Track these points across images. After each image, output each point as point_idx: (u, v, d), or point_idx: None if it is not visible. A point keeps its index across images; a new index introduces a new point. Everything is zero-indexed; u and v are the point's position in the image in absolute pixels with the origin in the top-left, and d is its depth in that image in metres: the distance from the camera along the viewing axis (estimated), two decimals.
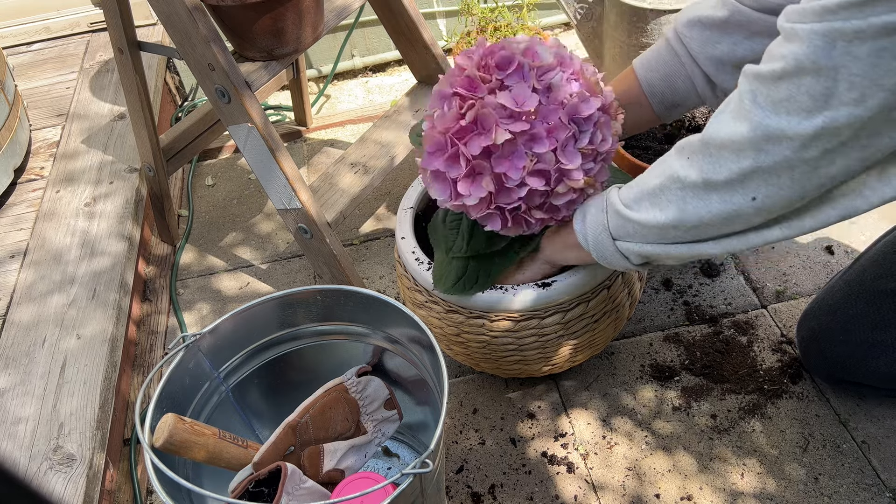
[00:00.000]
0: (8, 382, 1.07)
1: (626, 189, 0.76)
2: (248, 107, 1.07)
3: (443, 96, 0.79)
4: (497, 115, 0.74)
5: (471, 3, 1.65)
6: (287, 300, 0.88)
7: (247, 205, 1.58)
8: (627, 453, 1.02)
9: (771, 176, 0.62)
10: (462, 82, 0.77)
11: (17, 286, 1.24)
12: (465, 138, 0.76)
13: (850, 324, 0.95)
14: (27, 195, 1.44)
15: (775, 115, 0.60)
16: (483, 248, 0.88)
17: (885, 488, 0.94)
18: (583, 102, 0.76)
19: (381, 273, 1.37)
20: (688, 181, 0.68)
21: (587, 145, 0.76)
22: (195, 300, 1.38)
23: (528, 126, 0.74)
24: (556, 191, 0.78)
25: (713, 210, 0.67)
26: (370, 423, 0.90)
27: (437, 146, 0.78)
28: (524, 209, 0.79)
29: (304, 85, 1.64)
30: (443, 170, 0.78)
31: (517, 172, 0.75)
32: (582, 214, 0.80)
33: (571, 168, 0.76)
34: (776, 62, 0.59)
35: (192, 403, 0.86)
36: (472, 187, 0.77)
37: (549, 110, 0.75)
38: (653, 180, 0.72)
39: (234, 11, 1.05)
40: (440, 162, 0.78)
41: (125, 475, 1.07)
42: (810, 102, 0.57)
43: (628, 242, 0.76)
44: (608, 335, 1.00)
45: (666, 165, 0.71)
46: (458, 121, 0.76)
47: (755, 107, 0.61)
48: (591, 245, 0.79)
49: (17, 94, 1.49)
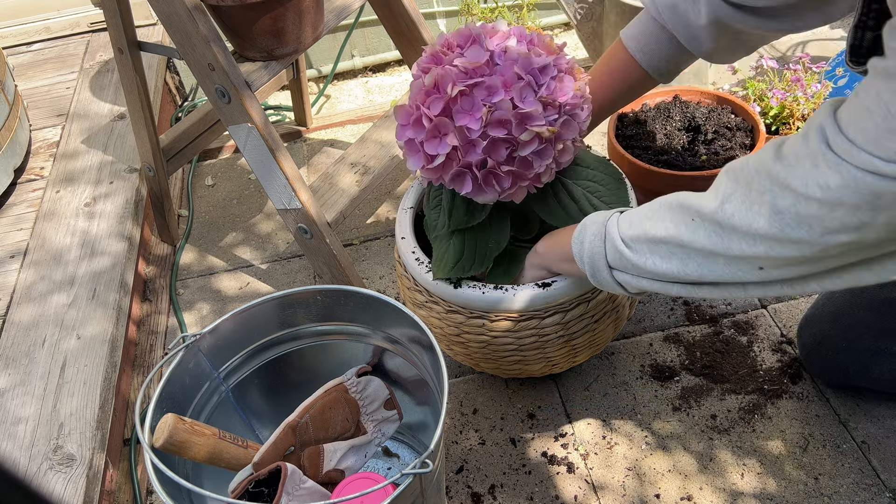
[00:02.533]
0: (8, 382, 1.07)
1: (626, 223, 0.74)
2: (248, 107, 1.07)
3: (415, 77, 0.84)
4: (455, 77, 0.79)
5: (471, 3, 1.65)
6: (287, 300, 0.88)
7: (247, 205, 1.58)
8: (627, 453, 1.02)
9: (784, 261, 0.60)
10: (428, 59, 0.83)
11: (17, 286, 1.24)
12: (427, 101, 0.81)
13: (852, 331, 0.95)
14: (27, 195, 1.44)
15: (798, 228, 0.57)
16: (465, 222, 0.90)
17: (885, 488, 0.94)
18: (534, 55, 0.80)
19: (381, 273, 1.37)
20: (693, 246, 0.65)
21: (545, 94, 0.80)
22: (195, 300, 1.38)
23: (482, 78, 0.79)
24: (521, 139, 0.79)
25: (717, 272, 0.65)
26: (370, 423, 0.90)
27: (406, 116, 0.83)
28: (491, 164, 0.81)
29: (304, 85, 1.64)
30: (411, 136, 0.83)
31: (476, 123, 0.79)
32: (580, 238, 0.79)
33: (530, 110, 0.78)
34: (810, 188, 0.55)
35: (192, 403, 0.86)
36: (439, 146, 0.81)
37: (504, 67, 0.80)
38: (656, 229, 0.69)
39: (234, 11, 1.05)
40: (409, 130, 0.83)
41: (125, 475, 1.07)
42: (839, 225, 0.55)
43: (626, 275, 0.75)
44: (608, 335, 1.00)
45: (670, 220, 0.68)
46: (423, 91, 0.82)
47: (777, 216, 0.58)
48: (588, 269, 0.78)
49: (17, 94, 1.49)
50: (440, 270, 0.91)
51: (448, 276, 0.90)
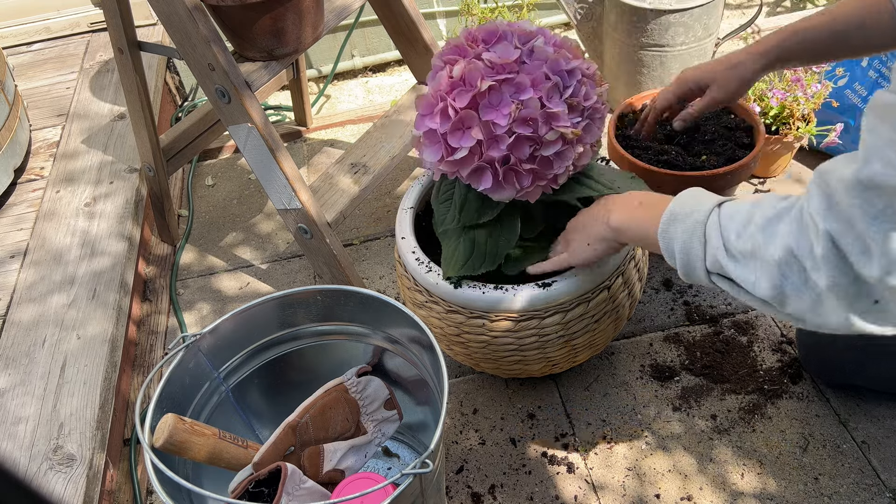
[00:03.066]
0: (8, 382, 1.07)
1: (733, 234, 0.65)
2: (248, 107, 1.07)
3: (436, 69, 0.84)
4: (483, 72, 0.79)
5: (471, 3, 1.65)
6: (287, 300, 0.88)
7: (247, 205, 1.58)
8: (627, 453, 1.02)
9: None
10: (451, 51, 0.83)
11: (18, 286, 1.24)
12: (453, 93, 0.80)
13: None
14: (27, 195, 1.44)
15: None
16: (475, 218, 0.89)
17: (885, 488, 0.94)
18: (563, 59, 0.81)
19: (381, 273, 1.37)
20: (817, 288, 0.58)
21: (571, 97, 0.80)
22: (195, 300, 1.38)
23: (511, 75, 0.79)
24: (546, 138, 0.79)
25: (832, 303, 0.58)
26: (370, 423, 0.90)
27: (429, 107, 0.82)
28: (513, 161, 0.81)
29: (304, 85, 1.64)
30: (434, 127, 0.81)
31: (504, 119, 0.78)
32: (669, 232, 0.71)
33: (557, 111, 0.79)
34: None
35: (192, 403, 0.86)
36: (462, 139, 0.81)
37: (532, 66, 0.80)
38: (770, 247, 0.61)
39: (234, 11, 1.05)
40: (431, 120, 0.82)
41: (125, 475, 1.07)
42: None
43: (727, 282, 0.67)
44: (608, 335, 1.00)
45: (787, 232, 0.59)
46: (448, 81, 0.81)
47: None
48: (680, 269, 0.71)
49: (17, 94, 1.49)
50: (451, 268, 0.90)
51: (458, 275, 0.89)
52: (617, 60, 1.51)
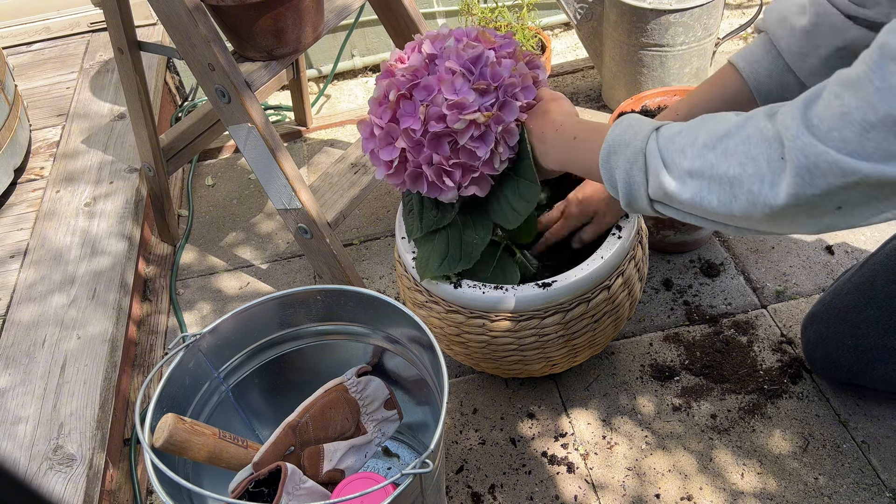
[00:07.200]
0: (8, 382, 1.07)
1: (674, 152, 0.63)
2: (248, 107, 1.07)
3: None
4: (399, 84, 0.83)
5: (471, 3, 1.65)
6: (287, 300, 0.88)
7: (247, 205, 1.58)
8: (627, 453, 1.03)
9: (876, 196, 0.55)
10: (382, 75, 0.87)
11: (18, 286, 1.24)
12: (379, 111, 0.85)
13: (859, 329, 0.95)
14: (27, 195, 1.44)
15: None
16: (437, 223, 0.92)
17: (885, 488, 0.94)
18: (466, 48, 0.83)
19: (381, 273, 1.37)
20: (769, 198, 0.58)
21: (480, 81, 0.82)
22: (195, 300, 1.38)
23: (416, 80, 0.82)
24: (455, 128, 0.81)
25: (788, 215, 0.58)
26: (370, 423, 0.90)
27: (367, 129, 0.87)
28: (438, 160, 0.83)
29: (304, 85, 1.64)
30: (372, 146, 0.86)
31: (417, 122, 0.82)
32: (610, 162, 0.69)
33: (461, 100, 0.81)
34: None
35: (192, 403, 0.86)
36: (392, 152, 0.85)
37: (440, 66, 0.83)
38: (722, 165, 0.60)
39: (234, 11, 1.05)
40: (369, 142, 0.87)
41: (125, 475, 1.07)
42: None
43: (671, 209, 0.67)
44: (608, 335, 1.00)
45: (743, 153, 0.59)
46: (374, 101, 0.87)
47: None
48: (623, 199, 0.70)
49: (17, 94, 1.49)
50: (427, 271, 0.91)
51: (435, 275, 0.90)
52: (617, 60, 1.51)
